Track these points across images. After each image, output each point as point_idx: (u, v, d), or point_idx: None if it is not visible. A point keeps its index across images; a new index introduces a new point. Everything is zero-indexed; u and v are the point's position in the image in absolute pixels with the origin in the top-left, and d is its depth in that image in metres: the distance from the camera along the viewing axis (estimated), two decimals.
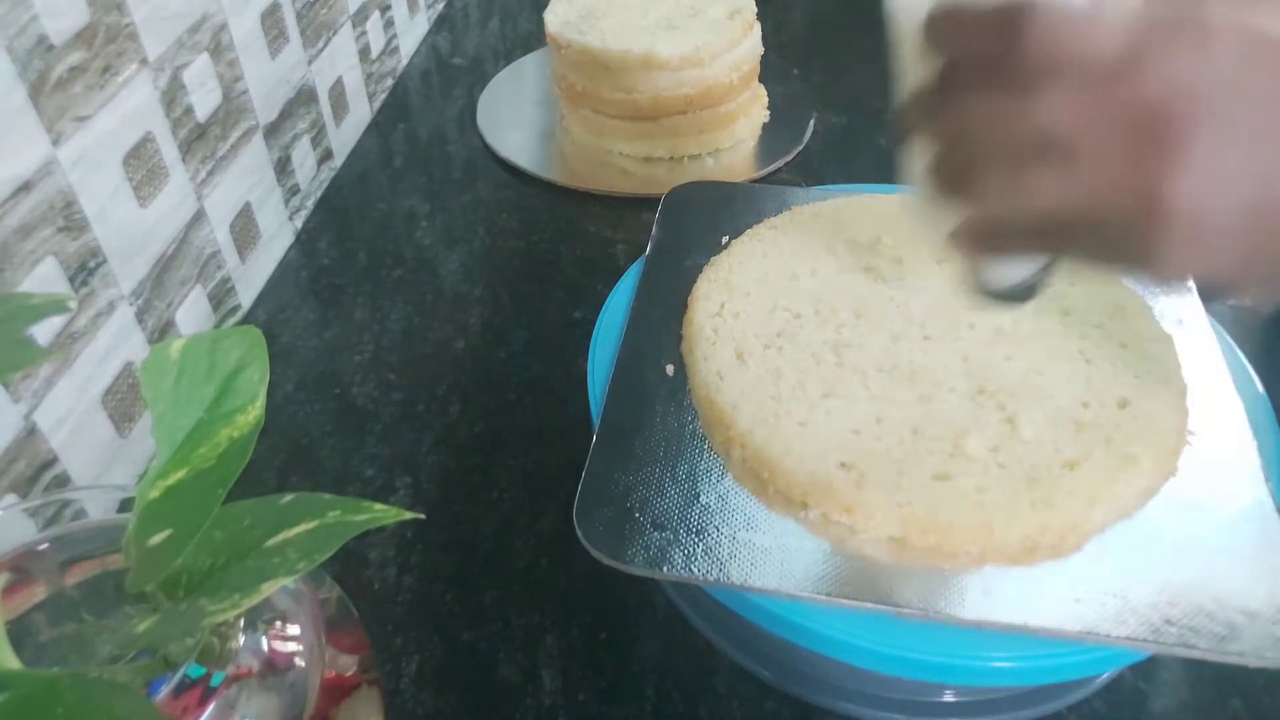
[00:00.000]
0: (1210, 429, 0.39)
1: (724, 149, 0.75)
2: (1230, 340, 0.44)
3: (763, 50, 0.74)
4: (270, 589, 0.25)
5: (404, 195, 0.71)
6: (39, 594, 0.30)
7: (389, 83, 0.83)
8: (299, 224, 0.68)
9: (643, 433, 0.40)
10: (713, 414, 0.40)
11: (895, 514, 0.35)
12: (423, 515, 0.30)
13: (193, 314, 0.54)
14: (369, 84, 0.79)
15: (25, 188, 0.40)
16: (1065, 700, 0.40)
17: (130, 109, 0.47)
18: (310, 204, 0.70)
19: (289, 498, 0.28)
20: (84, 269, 0.44)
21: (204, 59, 0.53)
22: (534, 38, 0.91)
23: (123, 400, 0.48)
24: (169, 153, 0.51)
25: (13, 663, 0.24)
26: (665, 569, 0.34)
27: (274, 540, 0.26)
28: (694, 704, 0.41)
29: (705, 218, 0.51)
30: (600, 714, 0.40)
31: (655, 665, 0.42)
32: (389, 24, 0.82)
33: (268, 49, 0.61)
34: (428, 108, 0.82)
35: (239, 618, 0.29)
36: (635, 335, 0.44)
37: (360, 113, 0.77)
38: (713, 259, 0.48)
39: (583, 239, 0.67)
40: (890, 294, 0.44)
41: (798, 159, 0.74)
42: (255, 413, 0.28)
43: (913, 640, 0.33)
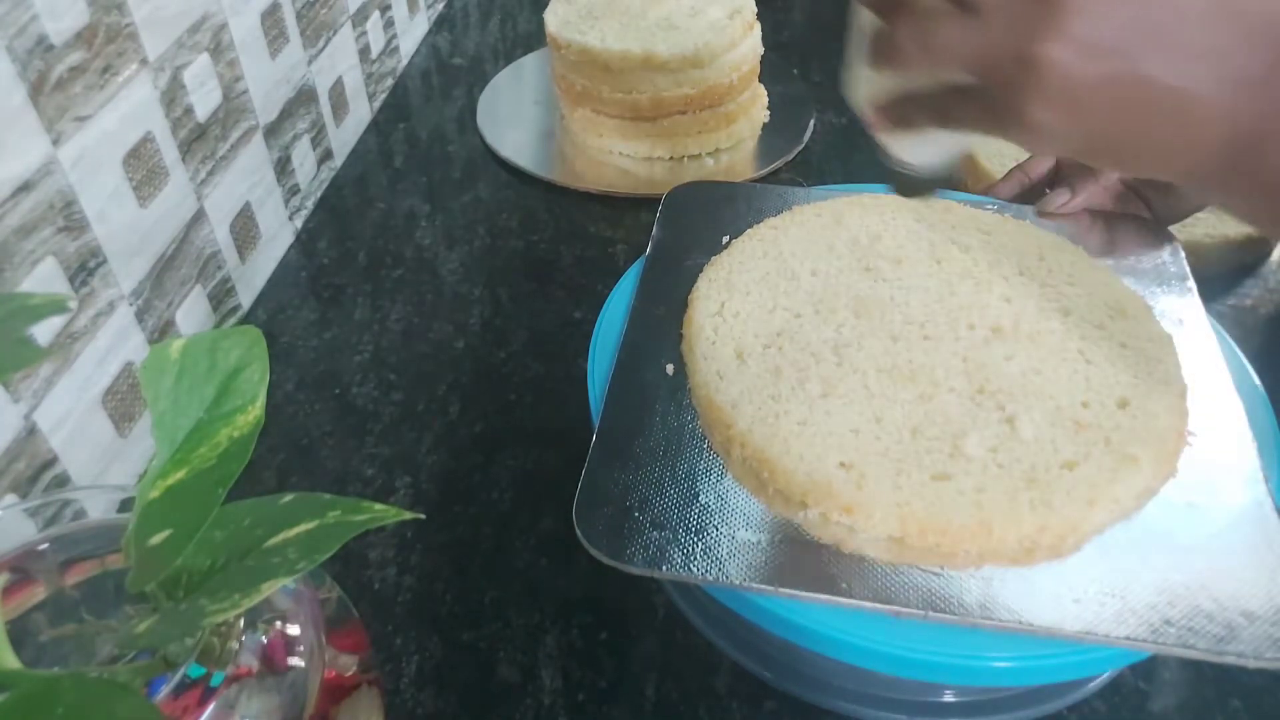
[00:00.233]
0: (1210, 429, 0.39)
1: (724, 149, 0.75)
2: (1230, 340, 0.44)
3: (763, 50, 0.74)
4: (270, 589, 0.25)
5: (404, 195, 0.71)
6: (39, 594, 0.30)
7: (389, 83, 0.83)
8: (299, 224, 0.68)
9: (643, 432, 0.40)
10: (712, 413, 0.40)
11: (894, 514, 0.35)
12: (423, 515, 0.30)
13: (193, 314, 0.55)
14: (369, 84, 0.79)
15: (25, 188, 0.40)
16: (1065, 700, 0.40)
17: (130, 109, 0.47)
18: (310, 204, 0.70)
19: (289, 498, 0.28)
20: (84, 269, 0.44)
21: (204, 59, 0.53)
22: (534, 38, 0.91)
23: (123, 400, 0.48)
24: (169, 153, 0.51)
25: (13, 663, 0.24)
26: (664, 568, 0.34)
27: (274, 540, 0.26)
28: (694, 704, 0.41)
29: (706, 217, 0.51)
30: (600, 714, 0.40)
31: (655, 665, 0.42)
32: (389, 24, 0.82)
33: (268, 49, 0.61)
34: (428, 108, 0.82)
35: (239, 618, 0.29)
36: (635, 335, 0.44)
37: (360, 113, 0.77)
38: (713, 258, 0.48)
39: (583, 239, 0.67)
40: (890, 294, 0.44)
41: (798, 159, 0.74)
42: (255, 413, 0.28)
43: (913, 640, 0.33)
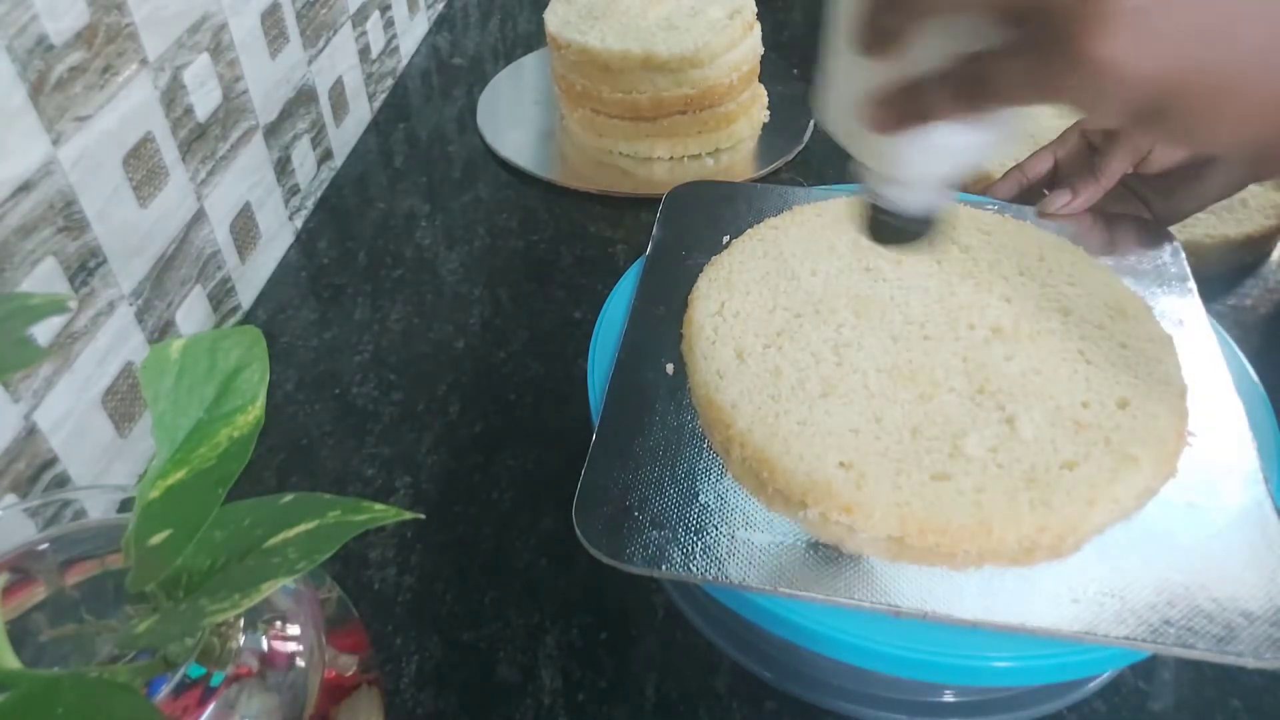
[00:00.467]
0: (1210, 430, 0.39)
1: (724, 149, 0.75)
2: (1230, 341, 0.44)
3: (763, 50, 0.74)
4: (270, 589, 0.25)
5: (404, 195, 0.71)
6: (39, 594, 0.30)
7: (389, 83, 0.83)
8: (299, 224, 0.68)
9: (642, 431, 0.40)
10: (712, 413, 0.40)
11: (894, 514, 0.35)
12: (423, 515, 0.30)
13: (193, 314, 0.55)
14: (369, 84, 0.79)
15: (25, 188, 0.40)
16: (1065, 700, 0.40)
17: (130, 109, 0.47)
18: (310, 204, 0.70)
19: (289, 498, 0.28)
20: (84, 269, 0.44)
21: (204, 59, 0.53)
22: (534, 38, 0.91)
23: (123, 400, 0.48)
24: (169, 153, 0.51)
25: (13, 663, 0.24)
26: (664, 567, 0.34)
27: (274, 540, 0.26)
28: (694, 704, 0.41)
29: (706, 217, 0.51)
30: (600, 714, 0.40)
31: (655, 665, 0.42)
32: (389, 24, 0.82)
33: (268, 49, 0.61)
34: (428, 108, 0.82)
35: (239, 618, 0.29)
36: (635, 334, 0.44)
37: (360, 113, 0.77)
38: (713, 258, 0.48)
39: (583, 239, 0.67)
40: (890, 294, 0.44)
41: (798, 159, 0.74)
42: (255, 413, 0.28)
43: (913, 640, 0.33)
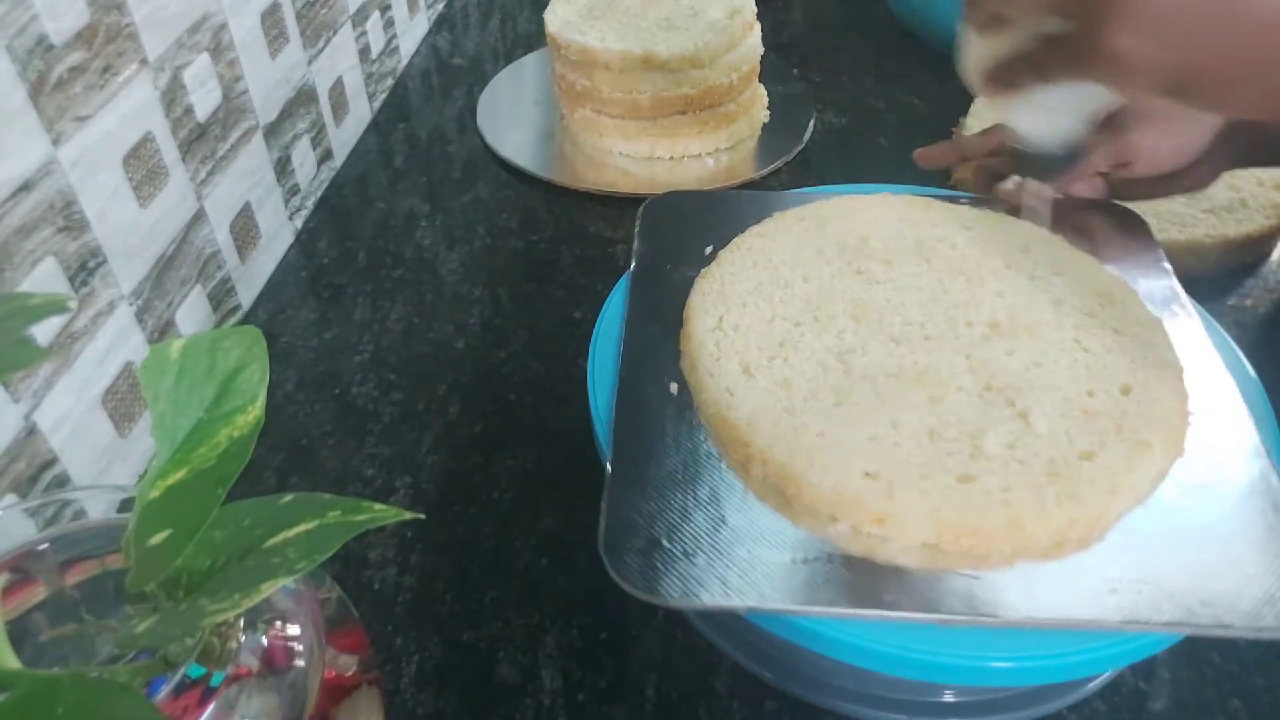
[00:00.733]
0: (1205, 407, 0.39)
1: (724, 149, 0.75)
2: (1211, 319, 0.44)
3: (763, 50, 0.74)
4: (270, 589, 0.25)
5: (404, 195, 0.71)
6: (39, 594, 0.30)
7: (389, 83, 0.83)
8: (299, 224, 0.68)
9: (657, 457, 0.38)
10: (727, 432, 0.39)
11: (927, 520, 0.34)
12: (423, 515, 0.30)
13: (193, 314, 0.55)
14: (369, 84, 0.79)
15: (25, 188, 0.40)
16: (1065, 700, 0.40)
17: (130, 109, 0.47)
18: (310, 204, 0.70)
19: (289, 498, 0.28)
20: (84, 269, 0.44)
21: (204, 59, 0.53)
22: (534, 38, 0.91)
23: (123, 400, 0.48)
24: (169, 153, 0.51)
25: (13, 663, 0.24)
26: (703, 599, 0.33)
27: (274, 540, 0.26)
28: (694, 704, 0.41)
29: (686, 228, 0.50)
30: (600, 714, 0.40)
31: (655, 665, 0.42)
32: (389, 24, 0.82)
33: (268, 49, 0.61)
34: (428, 108, 0.82)
35: (239, 618, 0.29)
36: (633, 354, 0.43)
37: (360, 113, 0.77)
38: (703, 271, 0.47)
39: (583, 239, 0.67)
40: (886, 296, 0.44)
41: (798, 159, 0.74)
42: (255, 413, 0.28)
43: (913, 640, 0.33)
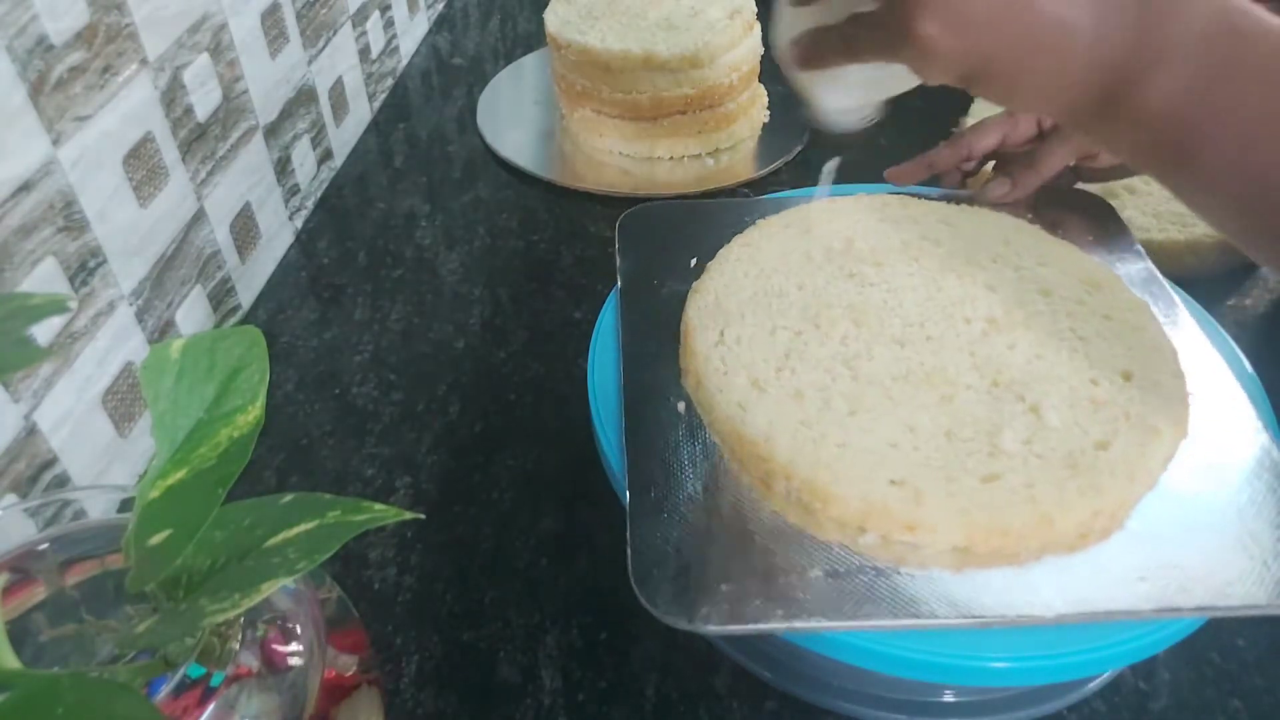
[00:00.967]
0: (1200, 386, 0.40)
1: (724, 149, 0.75)
2: (1190, 298, 0.45)
3: (763, 50, 0.74)
4: (270, 589, 0.25)
5: (404, 195, 0.71)
6: (39, 594, 0.30)
7: (389, 83, 0.83)
8: (299, 224, 0.68)
9: (674, 480, 0.38)
10: (744, 448, 0.38)
11: (957, 524, 0.34)
12: (423, 515, 0.30)
13: (193, 314, 0.55)
14: (369, 84, 0.79)
15: (25, 188, 0.40)
16: (1065, 700, 0.40)
17: (130, 109, 0.47)
18: (310, 204, 0.70)
19: (289, 498, 0.28)
20: (84, 269, 0.44)
21: (204, 59, 0.53)
22: (534, 38, 0.91)
23: (123, 400, 0.48)
24: (169, 153, 0.51)
25: (13, 663, 0.24)
26: (746, 623, 0.33)
27: (274, 540, 0.26)
28: (694, 704, 0.41)
29: (667, 241, 0.49)
30: (600, 714, 0.40)
31: (655, 665, 0.42)
32: (389, 24, 0.82)
33: (268, 49, 0.61)
34: (428, 108, 0.82)
35: (239, 618, 0.29)
36: (634, 376, 0.42)
37: (360, 113, 0.77)
38: (695, 285, 0.46)
39: (583, 239, 0.67)
40: (882, 298, 0.44)
41: (798, 159, 0.74)
42: (255, 413, 0.28)
43: (913, 640, 0.33)
